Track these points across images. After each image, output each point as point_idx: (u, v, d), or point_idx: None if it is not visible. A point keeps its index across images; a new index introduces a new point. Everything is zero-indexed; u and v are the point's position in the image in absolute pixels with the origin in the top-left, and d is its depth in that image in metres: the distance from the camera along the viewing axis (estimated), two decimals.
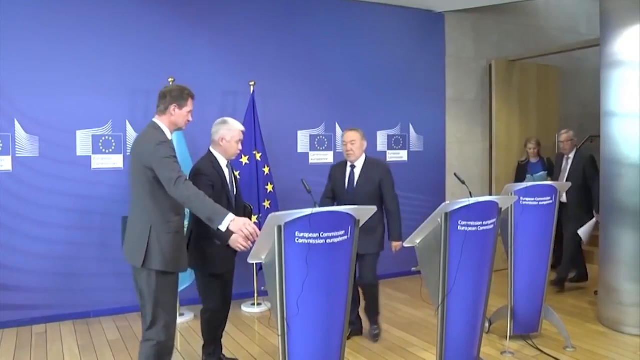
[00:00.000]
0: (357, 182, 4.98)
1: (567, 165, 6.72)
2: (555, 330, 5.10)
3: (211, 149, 4.25)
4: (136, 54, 6.06)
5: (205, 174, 4.05)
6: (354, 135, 4.99)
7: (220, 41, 6.47)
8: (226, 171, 4.22)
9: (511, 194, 4.58)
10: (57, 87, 5.73)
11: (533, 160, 7.38)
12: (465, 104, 8.08)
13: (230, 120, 4.27)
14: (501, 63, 7.99)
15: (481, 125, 8.19)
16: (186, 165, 5.64)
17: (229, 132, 4.19)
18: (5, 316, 5.57)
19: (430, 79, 7.80)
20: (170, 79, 5.75)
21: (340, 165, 5.18)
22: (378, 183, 4.95)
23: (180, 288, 5.54)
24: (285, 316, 2.81)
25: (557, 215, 4.87)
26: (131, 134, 6.02)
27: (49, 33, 5.69)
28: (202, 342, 4.48)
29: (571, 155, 6.70)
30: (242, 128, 4.29)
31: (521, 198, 4.66)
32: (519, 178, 7.36)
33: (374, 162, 5.10)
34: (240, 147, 4.27)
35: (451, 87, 7.97)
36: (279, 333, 2.83)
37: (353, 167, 5.03)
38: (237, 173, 5.79)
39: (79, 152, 5.86)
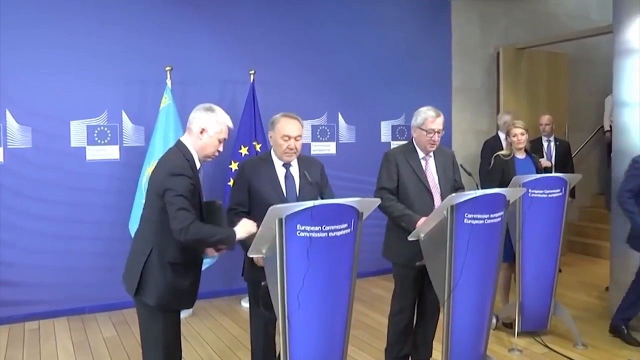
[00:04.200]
0: (299, 189, 3.66)
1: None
2: (565, 327, 5.10)
3: (183, 140, 3.27)
4: (132, 42, 6.04)
5: (188, 175, 3.10)
6: (299, 127, 3.64)
7: (219, 28, 6.45)
8: (200, 176, 3.32)
9: (519, 186, 4.57)
10: (50, 75, 5.72)
11: (519, 156, 5.28)
12: (472, 93, 8.07)
13: (218, 109, 3.30)
14: (509, 51, 7.96)
15: (488, 115, 8.17)
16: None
17: (216, 124, 3.23)
18: None
19: (435, 68, 7.78)
20: (167, 68, 5.75)
21: (259, 165, 3.68)
22: (319, 185, 3.73)
23: None
24: (286, 311, 2.81)
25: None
26: (127, 125, 6.02)
27: (42, 20, 5.67)
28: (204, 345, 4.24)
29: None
30: (231, 125, 3.34)
31: (530, 190, 4.65)
32: (501, 180, 5.10)
33: (308, 158, 3.88)
34: (220, 148, 3.31)
35: (457, 76, 7.96)
36: (280, 328, 2.84)
37: (288, 165, 3.69)
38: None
39: (73, 143, 5.85)
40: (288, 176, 3.65)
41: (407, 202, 3.95)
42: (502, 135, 7.00)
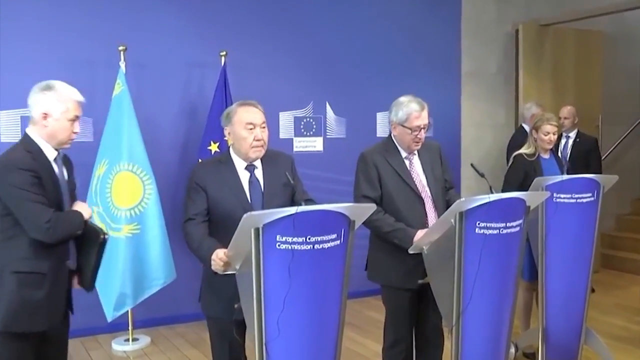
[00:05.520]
0: (264, 191, 3.53)
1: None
2: (598, 359, 5.11)
3: (28, 131, 3.33)
4: (78, 18, 6.03)
5: (25, 168, 3.17)
6: (262, 115, 3.53)
7: (184, 2, 6.47)
8: (55, 168, 3.35)
9: (542, 189, 4.60)
10: None
11: (545, 155, 5.33)
12: (486, 79, 8.12)
13: (58, 84, 3.32)
14: (530, 28, 8.01)
15: (505, 104, 8.22)
16: (140, 160, 5.63)
17: (58, 103, 3.26)
18: None
19: (442, 49, 7.84)
20: (120, 47, 5.74)
21: (216, 169, 3.54)
22: (290, 185, 3.55)
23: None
24: (263, 339, 2.83)
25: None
26: None
27: None
28: None
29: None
30: (80, 98, 3.38)
31: (554, 194, 4.65)
32: (522, 184, 5.07)
33: (273, 154, 3.69)
34: (76, 129, 3.37)
35: (468, 58, 8.01)
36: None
37: (252, 167, 3.56)
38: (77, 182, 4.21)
39: (3, 139, 5.84)
40: (253, 181, 3.52)
41: (395, 212, 3.91)
42: (528, 129, 7.00)
